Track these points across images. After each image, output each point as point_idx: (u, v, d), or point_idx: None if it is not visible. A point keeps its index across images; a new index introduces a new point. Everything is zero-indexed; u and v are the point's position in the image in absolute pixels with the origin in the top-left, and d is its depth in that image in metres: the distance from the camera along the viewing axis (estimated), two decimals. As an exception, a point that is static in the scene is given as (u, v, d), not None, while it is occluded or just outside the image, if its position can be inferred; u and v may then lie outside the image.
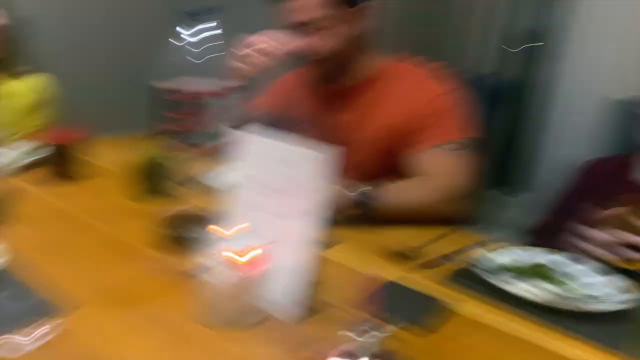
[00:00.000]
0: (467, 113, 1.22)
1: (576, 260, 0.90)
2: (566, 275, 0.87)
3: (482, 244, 0.99)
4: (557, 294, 0.79)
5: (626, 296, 0.78)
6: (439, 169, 1.15)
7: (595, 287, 0.83)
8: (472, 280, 0.83)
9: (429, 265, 0.89)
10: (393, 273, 0.85)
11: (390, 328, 0.58)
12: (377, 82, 1.25)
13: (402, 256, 0.91)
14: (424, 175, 1.15)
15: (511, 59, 1.77)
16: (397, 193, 1.07)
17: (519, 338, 0.71)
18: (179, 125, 0.85)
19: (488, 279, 0.81)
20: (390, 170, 1.19)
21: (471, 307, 0.77)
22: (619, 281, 0.83)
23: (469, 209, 1.13)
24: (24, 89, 1.66)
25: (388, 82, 1.25)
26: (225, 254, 0.67)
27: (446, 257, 0.92)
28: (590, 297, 0.79)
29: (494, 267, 0.87)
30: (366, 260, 0.91)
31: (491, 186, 1.83)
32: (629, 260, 0.90)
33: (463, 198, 1.12)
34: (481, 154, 1.20)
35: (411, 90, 1.24)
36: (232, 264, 0.67)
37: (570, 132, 1.62)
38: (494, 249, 0.92)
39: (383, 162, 1.23)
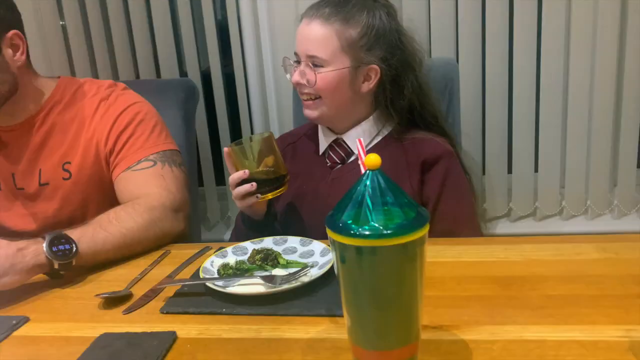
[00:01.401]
0: (157, 125, 1.16)
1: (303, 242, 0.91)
2: (291, 250, 0.88)
3: (205, 250, 0.96)
4: (281, 277, 0.78)
5: (326, 257, 0.82)
6: (139, 190, 1.06)
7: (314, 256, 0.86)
8: (191, 297, 0.78)
9: (145, 298, 0.80)
10: (105, 325, 0.74)
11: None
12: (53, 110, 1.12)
13: (113, 300, 0.80)
14: (127, 200, 1.05)
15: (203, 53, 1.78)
16: (99, 229, 0.94)
17: (249, 339, 0.68)
18: None
19: (213, 287, 0.76)
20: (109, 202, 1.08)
21: (197, 326, 0.71)
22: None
23: (185, 223, 1.07)
24: None
25: (64, 108, 1.13)
26: None
27: (165, 282, 0.84)
28: (306, 266, 0.81)
29: (219, 270, 0.83)
30: (70, 322, 0.77)
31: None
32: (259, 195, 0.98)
33: (176, 212, 1.05)
34: (182, 164, 1.15)
35: (95, 111, 1.13)
36: None
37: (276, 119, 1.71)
38: (221, 251, 0.89)
39: (96, 196, 1.13)
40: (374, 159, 0.55)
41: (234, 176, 1.00)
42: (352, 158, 1.13)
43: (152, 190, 1.05)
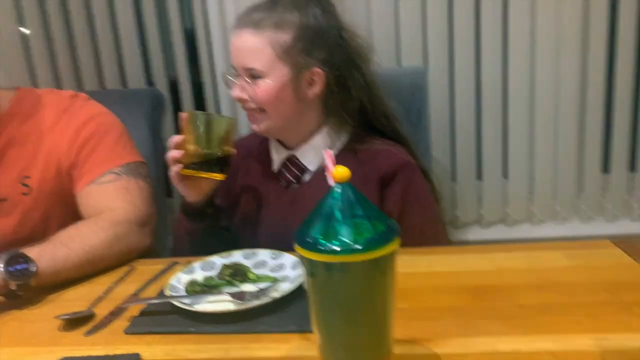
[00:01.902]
0: (121, 137, 1.12)
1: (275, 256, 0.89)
2: (261, 264, 0.86)
3: (172, 266, 0.93)
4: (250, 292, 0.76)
5: (297, 271, 0.80)
6: (103, 204, 1.02)
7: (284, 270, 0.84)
8: (157, 316, 0.75)
9: (108, 319, 0.77)
10: (65, 348, 0.70)
11: None
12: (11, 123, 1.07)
13: (75, 322, 0.76)
14: (91, 215, 1.01)
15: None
16: (60, 246, 0.90)
17: (217, 359, 0.65)
18: None
19: (179, 305, 0.74)
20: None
21: (163, 347, 0.68)
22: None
23: (151, 237, 1.04)
24: None
25: (23, 120, 1.08)
26: None
27: (129, 300, 0.81)
28: (276, 280, 0.79)
29: (186, 287, 0.80)
30: (27, 346, 0.73)
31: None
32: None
33: (141, 227, 1.02)
34: (148, 176, 1.12)
35: (55, 123, 1.09)
36: None
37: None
38: (188, 266, 0.86)
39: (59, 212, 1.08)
40: (343, 172, 0.54)
41: (173, 138, 0.97)
42: (308, 177, 1.08)
43: (116, 204, 1.01)
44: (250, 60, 1.00)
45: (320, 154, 1.06)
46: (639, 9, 1.49)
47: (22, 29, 1.73)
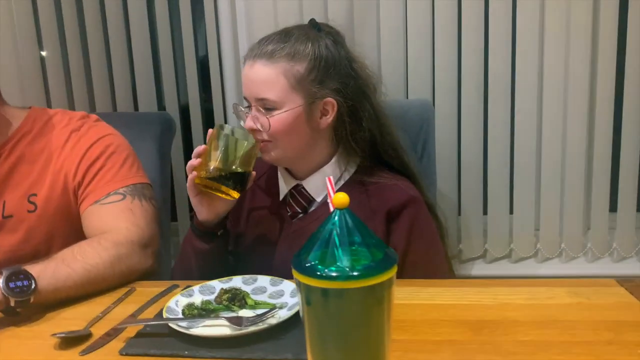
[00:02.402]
0: (128, 158, 1.14)
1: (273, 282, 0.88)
2: (260, 290, 0.86)
3: (172, 289, 0.93)
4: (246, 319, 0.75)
5: (296, 298, 0.79)
6: (106, 224, 1.03)
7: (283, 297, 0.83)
8: (153, 338, 0.74)
9: (104, 339, 0.76)
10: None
11: None
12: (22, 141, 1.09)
13: (71, 341, 0.76)
14: (94, 234, 1.02)
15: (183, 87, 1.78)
16: (62, 265, 0.91)
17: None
18: None
19: (176, 327, 0.73)
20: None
21: (156, 369, 0.68)
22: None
23: (153, 259, 1.04)
24: None
25: (34, 139, 1.10)
26: None
27: (126, 321, 0.80)
28: (274, 307, 0.79)
29: (184, 310, 0.80)
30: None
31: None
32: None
33: (144, 248, 1.02)
34: (153, 197, 1.13)
35: (65, 143, 1.11)
36: None
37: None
38: (187, 290, 0.86)
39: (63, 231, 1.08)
40: (342, 198, 0.54)
41: (197, 149, 0.97)
42: (314, 207, 1.08)
43: (120, 224, 1.02)
44: (263, 91, 1.00)
45: (324, 184, 1.05)
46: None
47: (42, 52, 1.78)
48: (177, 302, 0.82)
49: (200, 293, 0.86)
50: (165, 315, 0.78)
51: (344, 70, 1.05)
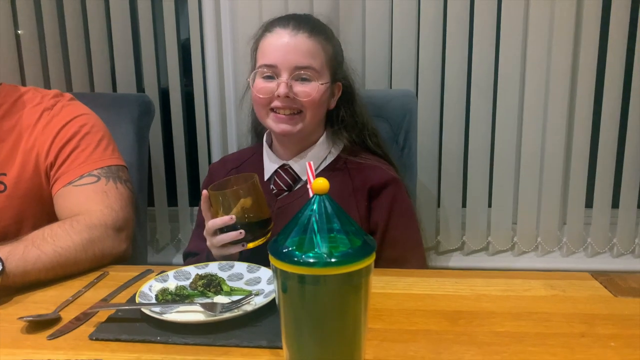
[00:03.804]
0: (103, 139, 1.11)
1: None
2: (237, 277, 0.84)
3: (146, 274, 0.91)
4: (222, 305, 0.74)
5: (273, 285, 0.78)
6: (79, 207, 1.00)
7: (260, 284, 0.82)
8: (125, 323, 0.73)
9: (74, 323, 0.74)
10: (26, 351, 0.67)
11: None
12: None
13: (39, 325, 0.74)
14: (66, 217, 0.99)
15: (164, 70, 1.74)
16: (31, 247, 0.88)
17: (180, 370, 0.63)
18: None
19: (148, 313, 0.71)
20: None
21: (127, 355, 0.66)
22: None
23: (127, 243, 1.02)
24: None
25: (3, 116, 1.07)
26: None
27: (97, 305, 0.78)
28: (250, 294, 0.78)
29: (157, 295, 0.78)
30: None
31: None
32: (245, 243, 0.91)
33: (118, 232, 1.00)
34: (128, 180, 1.10)
35: (36, 122, 1.07)
36: None
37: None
38: (162, 275, 0.84)
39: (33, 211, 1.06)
40: (322, 184, 0.53)
41: (217, 221, 0.91)
42: (299, 185, 1.10)
43: (93, 207, 0.99)
44: (307, 60, 1.03)
45: (315, 163, 1.10)
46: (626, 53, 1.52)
47: (17, 31, 1.72)
48: (151, 287, 0.80)
49: (175, 278, 0.84)
50: (137, 300, 0.76)
51: (343, 59, 1.14)
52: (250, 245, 0.93)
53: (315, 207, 0.53)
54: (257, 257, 0.91)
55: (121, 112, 1.42)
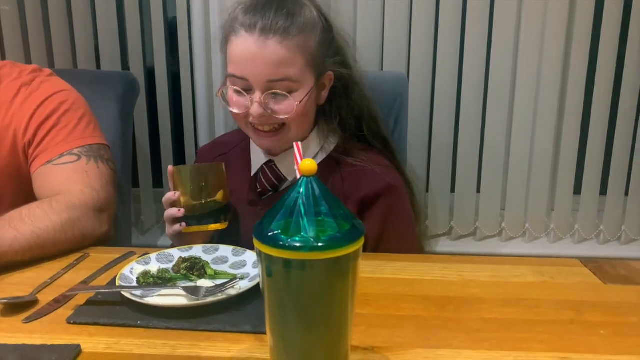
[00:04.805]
0: (84, 116, 1.07)
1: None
2: (221, 260, 0.82)
3: (128, 256, 0.88)
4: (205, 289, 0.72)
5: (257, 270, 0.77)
6: (59, 186, 0.97)
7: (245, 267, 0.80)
8: (104, 306, 0.70)
9: (51, 306, 0.72)
10: (1, 335, 0.65)
11: None
12: None
13: (15, 307, 0.71)
14: (45, 196, 0.96)
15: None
16: (8, 227, 0.85)
17: (163, 355, 0.61)
18: None
19: (129, 296, 0.69)
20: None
21: (106, 339, 0.64)
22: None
23: (109, 224, 0.99)
24: None
25: None
26: None
27: (76, 288, 0.76)
28: (235, 278, 0.76)
29: (139, 278, 0.76)
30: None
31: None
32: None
33: (99, 213, 0.97)
34: (110, 160, 1.07)
35: (14, 97, 1.03)
36: None
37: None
38: (144, 257, 0.82)
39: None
40: (310, 165, 0.51)
41: (166, 196, 0.92)
42: (285, 185, 1.02)
43: (73, 187, 0.96)
44: (281, 71, 0.90)
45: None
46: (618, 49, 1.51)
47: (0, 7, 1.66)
48: (132, 270, 0.78)
49: (157, 261, 0.82)
50: (118, 283, 0.73)
51: (331, 37, 0.99)
52: (193, 229, 0.93)
53: (302, 189, 0.51)
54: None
55: (105, 90, 1.38)
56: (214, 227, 0.94)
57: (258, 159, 1.05)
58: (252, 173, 1.05)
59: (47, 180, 0.99)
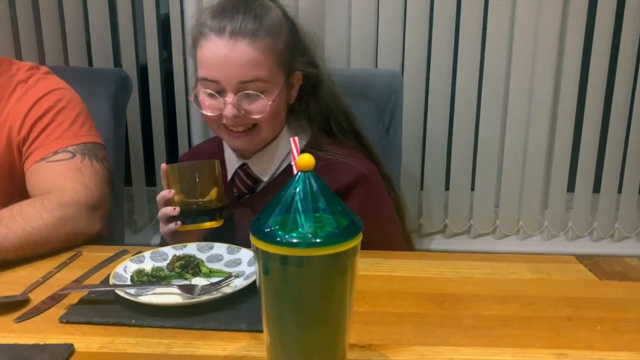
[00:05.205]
0: (80, 115, 1.06)
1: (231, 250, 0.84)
2: (216, 258, 0.82)
3: (122, 254, 0.87)
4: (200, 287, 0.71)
5: (254, 267, 0.75)
6: (52, 184, 0.96)
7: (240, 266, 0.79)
8: (98, 305, 0.69)
9: (43, 305, 0.71)
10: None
11: None
12: None
13: (6, 306, 0.70)
14: (38, 194, 0.95)
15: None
16: (0, 226, 0.84)
17: (158, 354, 0.60)
18: None
19: (123, 295, 0.68)
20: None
21: (100, 338, 0.63)
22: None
23: (101, 223, 0.98)
24: None
25: None
26: None
27: (69, 287, 0.75)
28: (230, 275, 0.75)
29: (133, 276, 0.75)
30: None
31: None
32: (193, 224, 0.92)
33: (92, 211, 0.96)
34: (104, 158, 1.06)
35: (10, 95, 1.03)
36: None
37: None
38: (137, 256, 0.81)
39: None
40: (307, 160, 0.50)
41: (160, 194, 0.91)
42: (261, 186, 1.03)
43: (66, 184, 0.95)
44: (252, 72, 0.92)
45: (272, 162, 1.02)
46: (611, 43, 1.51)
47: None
48: (126, 268, 0.77)
49: (151, 259, 0.81)
50: (112, 281, 0.73)
51: (300, 38, 1.01)
52: (188, 227, 0.92)
53: (299, 185, 0.50)
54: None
55: (97, 87, 1.37)
56: (209, 224, 0.93)
57: (232, 164, 1.05)
58: (229, 178, 1.05)
59: (40, 177, 0.98)
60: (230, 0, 0.96)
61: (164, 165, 0.94)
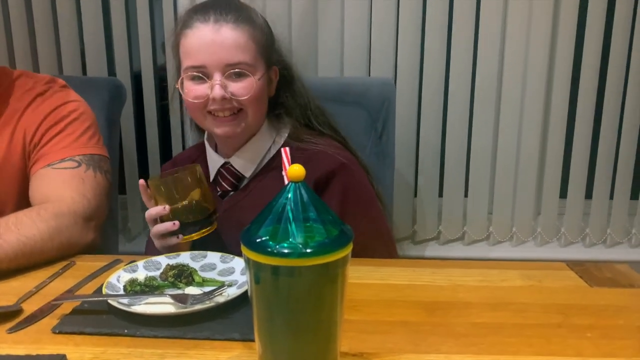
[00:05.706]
0: (90, 128, 1.09)
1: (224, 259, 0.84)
2: (209, 267, 0.82)
3: (115, 264, 0.87)
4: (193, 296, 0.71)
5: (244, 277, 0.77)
6: (52, 190, 0.96)
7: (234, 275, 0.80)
8: (91, 315, 0.70)
9: (36, 315, 0.71)
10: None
11: None
12: None
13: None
14: (39, 201, 0.96)
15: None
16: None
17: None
18: None
19: (116, 305, 0.68)
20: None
21: (92, 348, 0.63)
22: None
23: (96, 233, 0.98)
24: None
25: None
26: None
27: (62, 297, 0.75)
28: (223, 285, 0.75)
29: (126, 286, 0.75)
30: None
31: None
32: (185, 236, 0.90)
33: (87, 221, 0.96)
34: (108, 172, 1.07)
35: (27, 106, 1.06)
36: None
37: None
38: (131, 265, 0.81)
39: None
40: (298, 170, 0.51)
41: (152, 211, 0.90)
42: (244, 182, 1.04)
43: (65, 193, 0.96)
44: (237, 55, 0.95)
45: (254, 159, 1.03)
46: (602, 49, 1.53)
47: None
48: (119, 278, 0.77)
49: (144, 269, 0.81)
50: (105, 291, 0.73)
51: (274, 37, 1.06)
52: (195, 236, 0.91)
53: (290, 195, 0.51)
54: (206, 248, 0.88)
55: (91, 96, 1.36)
56: (210, 229, 0.93)
57: (214, 164, 1.07)
58: (211, 178, 1.07)
59: (43, 183, 1.00)
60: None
61: (142, 181, 0.93)
